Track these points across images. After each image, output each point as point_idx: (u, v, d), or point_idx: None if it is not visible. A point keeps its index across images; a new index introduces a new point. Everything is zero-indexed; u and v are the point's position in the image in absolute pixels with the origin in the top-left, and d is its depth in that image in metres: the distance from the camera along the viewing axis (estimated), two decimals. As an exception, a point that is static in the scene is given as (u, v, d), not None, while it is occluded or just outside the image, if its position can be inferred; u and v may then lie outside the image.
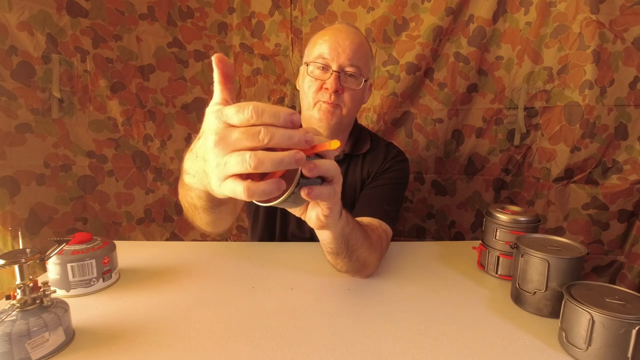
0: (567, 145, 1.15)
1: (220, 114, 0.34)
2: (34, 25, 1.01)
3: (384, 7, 1.22)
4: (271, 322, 0.57)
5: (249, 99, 1.31)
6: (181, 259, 0.80)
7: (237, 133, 0.33)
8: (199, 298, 0.64)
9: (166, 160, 1.27)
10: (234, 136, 0.33)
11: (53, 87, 1.06)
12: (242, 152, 0.33)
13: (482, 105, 1.23)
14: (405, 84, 1.24)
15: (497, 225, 0.74)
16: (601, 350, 0.48)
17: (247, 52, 1.30)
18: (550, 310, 0.60)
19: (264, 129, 0.33)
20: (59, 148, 1.10)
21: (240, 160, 0.33)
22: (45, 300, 0.49)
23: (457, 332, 0.56)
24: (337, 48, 0.79)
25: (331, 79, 0.79)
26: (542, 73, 1.16)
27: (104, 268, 0.65)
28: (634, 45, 1.07)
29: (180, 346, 0.51)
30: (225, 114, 0.34)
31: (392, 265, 0.79)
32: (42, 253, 0.50)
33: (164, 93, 1.25)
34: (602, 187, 1.15)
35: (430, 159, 1.30)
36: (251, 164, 0.32)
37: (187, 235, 1.34)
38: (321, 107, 0.81)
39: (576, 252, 0.61)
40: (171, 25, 1.23)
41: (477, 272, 0.78)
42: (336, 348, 0.51)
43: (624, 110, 1.11)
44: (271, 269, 0.76)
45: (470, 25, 1.19)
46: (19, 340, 0.44)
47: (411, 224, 1.36)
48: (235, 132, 0.33)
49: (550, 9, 1.12)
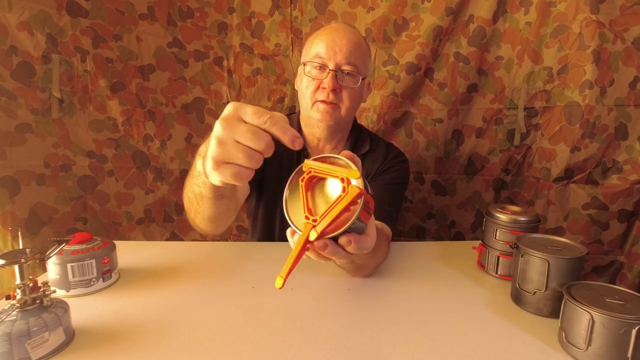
0: (567, 145, 1.15)
1: (239, 106, 0.39)
2: (34, 25, 1.01)
3: (384, 7, 1.22)
4: (271, 322, 0.57)
5: (249, 99, 1.31)
6: (181, 259, 0.80)
7: (243, 126, 0.38)
8: (199, 298, 0.64)
9: (166, 160, 1.27)
10: (240, 127, 0.38)
11: (53, 87, 1.06)
12: (241, 146, 0.38)
13: (482, 105, 1.23)
14: (405, 84, 1.24)
15: (497, 225, 0.74)
16: (601, 350, 0.48)
17: (247, 52, 1.30)
18: (550, 310, 0.60)
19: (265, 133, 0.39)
20: (59, 148, 1.10)
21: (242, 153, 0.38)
22: (45, 300, 0.49)
23: (457, 332, 0.56)
24: (334, 47, 0.79)
25: (328, 78, 0.79)
26: (542, 73, 1.16)
27: (104, 268, 0.65)
28: (634, 45, 1.07)
29: (180, 346, 0.51)
30: (244, 109, 0.39)
31: (392, 265, 0.79)
32: (42, 253, 0.50)
33: (164, 93, 1.25)
34: (602, 187, 1.15)
35: (430, 159, 1.30)
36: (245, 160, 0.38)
37: (187, 235, 1.34)
38: (319, 108, 0.81)
39: (576, 252, 0.61)
40: (171, 25, 1.23)
41: (477, 272, 0.78)
42: (336, 348, 0.51)
43: (624, 110, 1.11)
44: (271, 269, 0.76)
45: (470, 25, 1.19)
46: (19, 340, 0.44)
47: (411, 224, 1.36)
48: (242, 125, 0.39)
49: (550, 9, 1.12)
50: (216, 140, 0.39)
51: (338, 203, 0.36)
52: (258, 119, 0.38)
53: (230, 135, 0.38)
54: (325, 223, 0.37)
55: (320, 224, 0.37)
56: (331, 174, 0.38)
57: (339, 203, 0.36)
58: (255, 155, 0.38)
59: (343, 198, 0.36)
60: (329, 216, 0.36)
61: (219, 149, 0.39)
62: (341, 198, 0.37)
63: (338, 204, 0.36)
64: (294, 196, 0.41)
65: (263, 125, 0.38)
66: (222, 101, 1.31)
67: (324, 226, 0.37)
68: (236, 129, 0.38)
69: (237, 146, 0.38)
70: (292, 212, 0.40)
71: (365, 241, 0.40)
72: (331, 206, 0.37)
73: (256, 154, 0.39)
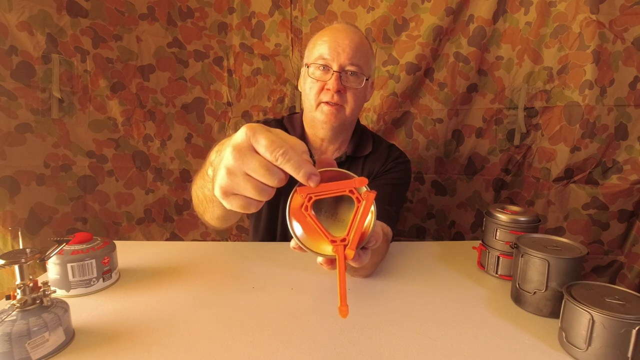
0: (567, 145, 1.15)
1: (252, 134, 0.35)
2: (34, 25, 1.01)
3: (384, 7, 1.22)
4: (271, 322, 0.57)
5: (249, 99, 1.31)
6: (181, 259, 0.80)
7: (256, 159, 0.35)
8: (199, 298, 0.64)
9: (166, 160, 1.27)
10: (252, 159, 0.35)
11: (53, 87, 1.06)
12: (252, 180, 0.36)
13: (482, 105, 1.23)
14: (405, 84, 1.24)
15: (497, 225, 0.74)
16: (601, 350, 0.48)
17: (247, 52, 1.30)
18: (550, 310, 0.60)
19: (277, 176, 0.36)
20: (59, 148, 1.10)
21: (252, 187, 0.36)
22: (45, 300, 0.49)
23: (457, 332, 0.56)
24: (337, 48, 0.79)
25: (332, 79, 0.79)
26: (542, 73, 1.16)
27: (104, 268, 0.65)
28: (634, 45, 1.07)
29: (180, 346, 0.51)
30: (257, 140, 0.35)
31: (392, 265, 0.79)
32: (42, 253, 0.50)
33: (164, 93, 1.25)
34: (602, 187, 1.15)
35: (430, 159, 1.30)
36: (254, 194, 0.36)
37: (187, 235, 1.34)
38: (324, 109, 0.81)
39: (576, 252, 0.61)
40: (171, 25, 1.23)
41: (477, 272, 0.78)
42: (336, 348, 0.51)
43: (624, 110, 1.11)
44: (271, 269, 0.76)
45: (470, 25, 1.19)
46: (19, 340, 0.44)
47: (411, 224, 1.36)
48: (254, 157, 0.35)
49: (550, 9, 1.12)
50: (226, 170, 0.36)
51: (359, 214, 0.36)
52: (271, 154, 0.34)
53: (240, 167, 0.36)
54: (356, 239, 0.36)
55: (352, 242, 0.36)
56: (337, 192, 0.37)
57: (360, 214, 0.36)
58: (266, 190, 0.36)
59: (362, 208, 0.36)
60: (357, 231, 0.36)
61: (228, 180, 0.36)
62: (358, 208, 0.36)
63: (360, 216, 0.36)
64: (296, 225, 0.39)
65: (275, 162, 0.35)
66: (222, 101, 1.31)
67: (356, 241, 0.36)
68: (248, 161, 0.35)
69: (247, 179, 0.36)
70: (310, 244, 0.39)
71: (380, 231, 0.40)
72: (353, 220, 0.37)
73: (268, 189, 0.36)
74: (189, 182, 1.30)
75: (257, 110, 1.33)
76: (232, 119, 1.32)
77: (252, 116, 1.33)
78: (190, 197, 1.19)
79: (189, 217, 1.33)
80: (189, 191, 1.30)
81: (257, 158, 0.35)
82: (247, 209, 0.38)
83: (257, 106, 1.33)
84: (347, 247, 0.36)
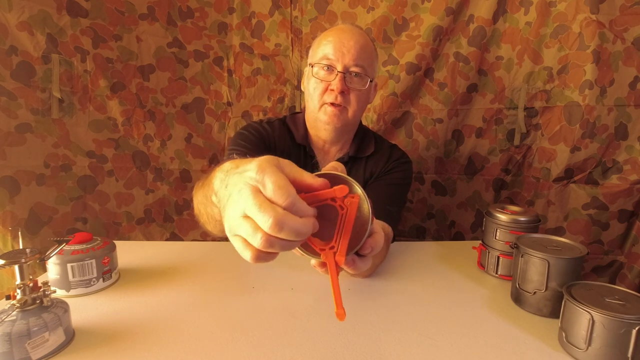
0: (567, 145, 1.15)
1: (262, 177, 0.33)
2: (34, 25, 1.01)
3: (384, 7, 1.22)
4: (271, 322, 0.57)
5: (249, 99, 1.31)
6: (181, 259, 0.80)
7: (260, 205, 0.32)
8: (199, 298, 0.64)
9: (166, 160, 1.27)
10: (254, 208, 0.32)
11: (53, 87, 1.06)
12: (256, 228, 0.32)
13: (482, 105, 1.23)
14: (405, 84, 1.24)
15: (497, 225, 0.75)
16: (601, 350, 0.48)
17: (247, 52, 1.30)
18: (550, 310, 0.60)
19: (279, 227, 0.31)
20: (59, 148, 1.10)
21: (252, 234, 0.33)
22: (45, 300, 0.49)
23: (457, 332, 0.56)
24: (342, 48, 0.79)
25: (336, 80, 0.79)
26: (542, 73, 1.16)
27: (104, 268, 0.65)
28: (634, 45, 1.07)
29: (180, 346, 0.51)
30: (266, 183, 0.32)
31: (392, 265, 0.79)
32: (42, 253, 0.50)
33: (164, 93, 1.25)
34: (602, 187, 1.15)
35: (430, 159, 1.30)
36: (260, 243, 0.32)
37: (187, 235, 1.34)
38: (327, 111, 0.81)
39: (576, 252, 0.61)
40: (171, 25, 1.23)
41: (477, 272, 0.78)
42: (336, 348, 0.51)
43: (624, 110, 1.11)
44: (271, 269, 0.76)
45: (470, 25, 1.19)
46: (19, 340, 0.44)
47: (411, 224, 1.36)
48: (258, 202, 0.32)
49: (550, 9, 1.12)
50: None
51: (344, 221, 0.36)
52: (278, 200, 0.32)
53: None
54: (344, 245, 0.36)
55: (340, 249, 0.36)
56: (319, 202, 0.36)
57: (345, 221, 0.36)
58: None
59: (346, 214, 0.36)
60: (344, 237, 0.36)
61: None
62: (342, 216, 0.36)
63: (345, 222, 0.36)
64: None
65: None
66: (222, 101, 1.31)
67: (344, 248, 0.36)
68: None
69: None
70: (305, 247, 0.38)
71: (380, 239, 0.40)
72: (339, 227, 0.36)
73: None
74: (189, 182, 1.30)
75: (257, 110, 1.33)
76: (232, 119, 1.32)
77: (252, 116, 1.33)
78: (190, 198, 1.19)
79: (189, 217, 1.33)
80: (189, 191, 1.30)
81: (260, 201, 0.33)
82: (265, 259, 0.36)
83: (257, 106, 1.33)
84: (337, 254, 0.36)
